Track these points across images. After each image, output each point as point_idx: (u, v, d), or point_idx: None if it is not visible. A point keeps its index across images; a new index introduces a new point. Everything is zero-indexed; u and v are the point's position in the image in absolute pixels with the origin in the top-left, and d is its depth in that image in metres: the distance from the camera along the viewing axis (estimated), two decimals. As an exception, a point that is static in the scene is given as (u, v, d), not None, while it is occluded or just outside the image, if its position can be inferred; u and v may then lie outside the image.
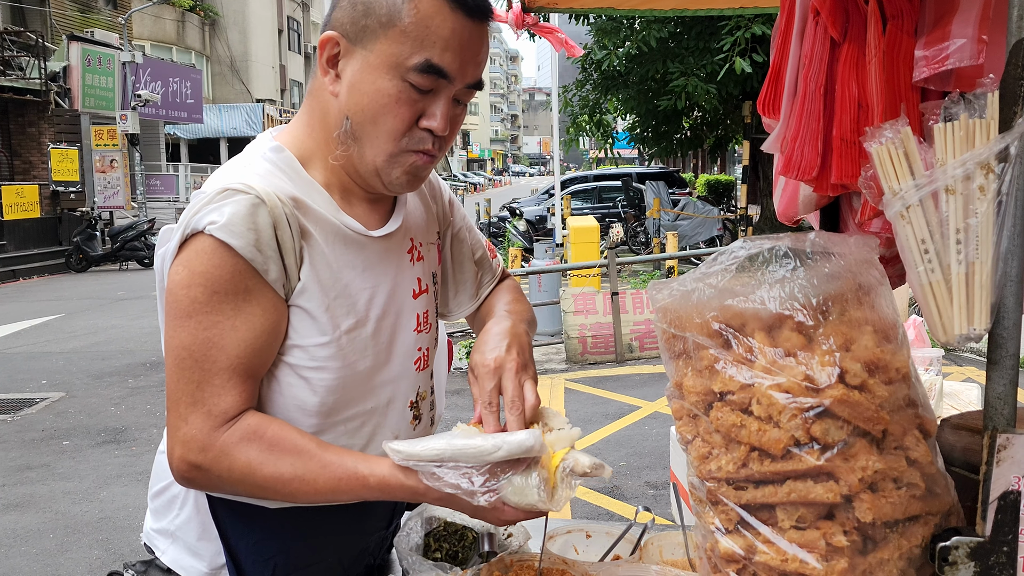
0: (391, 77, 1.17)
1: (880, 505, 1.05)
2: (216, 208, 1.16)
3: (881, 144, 1.09)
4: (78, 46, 19.22)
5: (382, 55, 1.17)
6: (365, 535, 1.46)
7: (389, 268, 1.33)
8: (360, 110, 1.20)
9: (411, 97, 1.18)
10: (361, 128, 1.21)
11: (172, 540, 1.35)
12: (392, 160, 1.23)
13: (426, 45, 1.16)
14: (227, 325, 1.16)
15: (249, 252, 1.15)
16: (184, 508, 1.33)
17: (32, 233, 17.96)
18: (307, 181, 1.25)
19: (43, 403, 7.36)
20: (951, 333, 1.05)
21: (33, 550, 4.44)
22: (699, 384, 1.16)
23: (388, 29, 1.16)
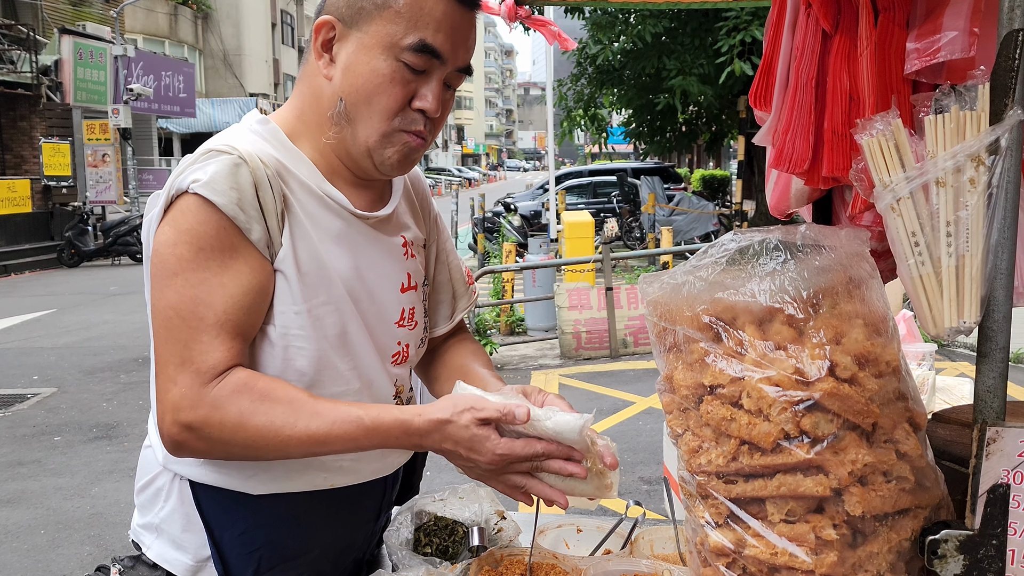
0: (386, 57, 1.21)
1: (870, 498, 1.05)
2: (200, 167, 1.18)
3: (872, 136, 1.08)
4: (70, 39, 19.10)
5: (377, 35, 1.21)
6: (352, 529, 1.44)
7: (373, 253, 1.33)
8: (354, 90, 1.22)
9: (405, 77, 1.22)
10: (355, 108, 1.23)
11: (157, 534, 1.33)
12: (385, 139, 1.25)
13: (420, 25, 1.20)
14: (214, 282, 1.16)
15: (232, 210, 1.16)
16: (168, 500, 1.32)
17: (24, 228, 17.88)
18: (292, 151, 1.27)
19: (34, 399, 7.33)
20: (941, 326, 1.04)
21: (24, 546, 4.43)
22: (689, 378, 1.16)
23: (383, 10, 1.20)
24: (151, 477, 1.35)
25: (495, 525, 1.59)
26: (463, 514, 1.62)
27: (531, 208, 18.87)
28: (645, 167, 20.35)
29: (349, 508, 1.39)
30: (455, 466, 1.24)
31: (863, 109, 1.29)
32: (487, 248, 14.32)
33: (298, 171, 1.26)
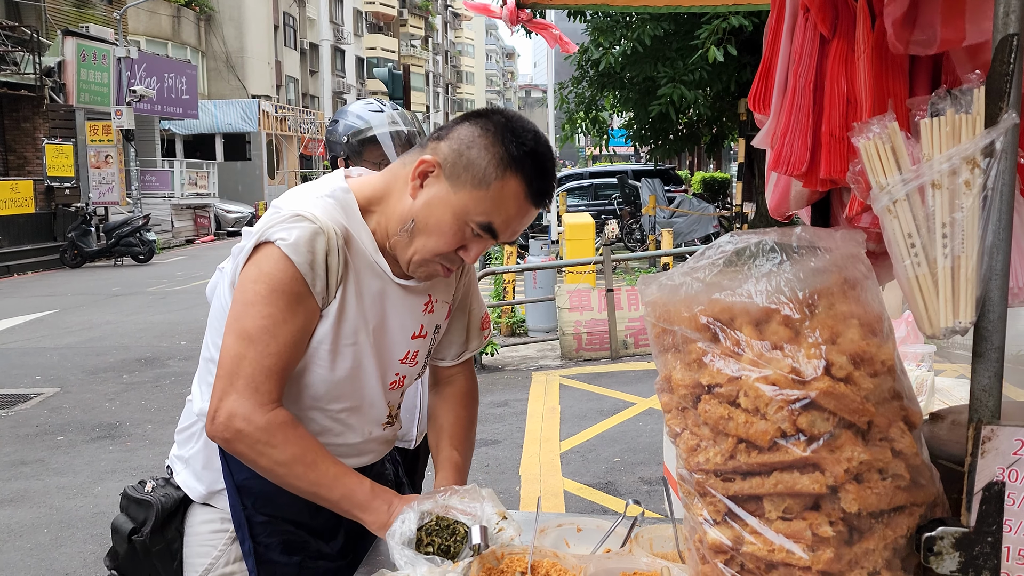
0: (456, 218, 1.47)
1: (866, 496, 1.06)
2: (287, 228, 1.44)
3: (868, 139, 1.10)
4: (73, 41, 19.14)
5: (461, 200, 1.46)
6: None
7: (400, 308, 1.62)
8: (424, 221, 1.49)
9: (464, 236, 1.49)
10: (419, 232, 1.50)
11: (185, 465, 1.69)
12: (424, 263, 1.53)
13: (494, 213, 1.46)
14: (279, 318, 1.44)
15: (304, 268, 1.44)
16: (197, 443, 1.67)
17: (27, 229, 17.91)
18: (359, 221, 1.54)
19: (37, 398, 7.35)
20: (937, 326, 1.06)
21: (27, 545, 4.44)
22: (687, 377, 1.17)
23: (475, 188, 1.45)
24: (189, 423, 1.70)
25: (496, 525, 1.60)
26: (464, 514, 1.63)
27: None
28: (646, 169, 20.36)
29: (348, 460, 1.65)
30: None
31: (860, 112, 1.30)
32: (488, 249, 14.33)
33: (360, 240, 1.53)
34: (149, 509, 1.65)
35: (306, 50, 39.61)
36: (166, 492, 1.68)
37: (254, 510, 1.63)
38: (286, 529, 1.66)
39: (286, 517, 1.65)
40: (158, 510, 1.64)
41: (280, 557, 1.65)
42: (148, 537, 1.64)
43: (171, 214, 22.63)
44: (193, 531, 1.68)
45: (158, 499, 1.66)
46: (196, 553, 1.68)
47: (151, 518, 1.64)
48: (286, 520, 1.66)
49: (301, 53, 38.92)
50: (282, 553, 1.65)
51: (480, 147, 1.44)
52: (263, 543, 1.64)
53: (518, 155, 1.44)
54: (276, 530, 1.65)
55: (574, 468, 5.37)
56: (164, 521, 1.66)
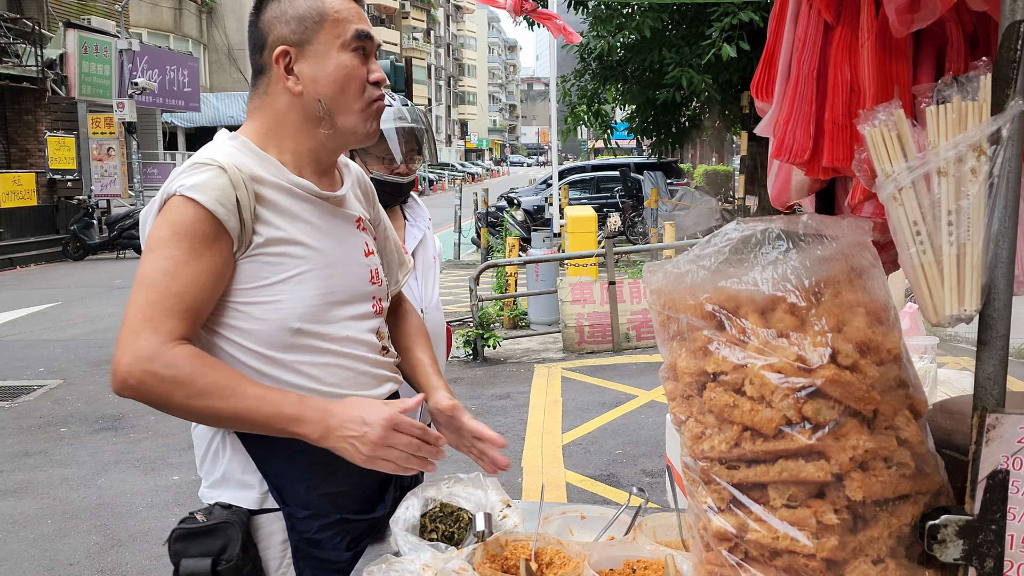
0: (342, 51, 1.53)
1: (870, 484, 1.07)
2: (187, 176, 1.46)
3: (874, 126, 1.09)
4: (75, 33, 19.11)
5: (327, 42, 1.53)
6: None
7: (339, 225, 1.62)
8: (329, 88, 1.53)
9: (360, 61, 1.55)
10: (335, 100, 1.54)
11: (224, 486, 1.59)
12: (364, 112, 1.57)
13: (351, 20, 1.54)
14: (181, 259, 1.42)
15: (212, 205, 1.43)
16: (225, 453, 1.59)
17: (29, 221, 17.92)
18: (261, 156, 1.54)
19: (41, 390, 7.37)
20: (942, 314, 1.06)
21: (31, 536, 4.46)
22: (692, 365, 1.17)
23: (322, 23, 1.53)
24: (207, 443, 1.61)
25: (500, 512, 1.61)
26: (468, 502, 1.64)
27: (534, 203, 18.85)
28: (648, 162, 20.32)
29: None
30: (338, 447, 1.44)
31: (864, 100, 1.30)
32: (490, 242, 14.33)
33: (269, 174, 1.52)
34: (228, 529, 1.50)
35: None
36: (227, 513, 1.53)
37: (295, 506, 1.57)
38: (333, 520, 1.59)
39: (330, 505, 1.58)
40: (239, 525, 1.51)
41: (330, 553, 1.59)
42: (239, 559, 1.49)
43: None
44: (266, 543, 1.58)
45: (231, 518, 1.52)
46: (272, 567, 1.58)
47: (234, 537, 1.49)
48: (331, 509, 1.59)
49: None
50: (333, 548, 1.59)
51: (288, 4, 1.54)
52: (310, 540, 1.58)
53: None
54: (324, 524, 1.58)
55: (576, 460, 5.38)
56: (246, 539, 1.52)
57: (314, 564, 1.59)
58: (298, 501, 1.57)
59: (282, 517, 1.57)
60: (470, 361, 8.20)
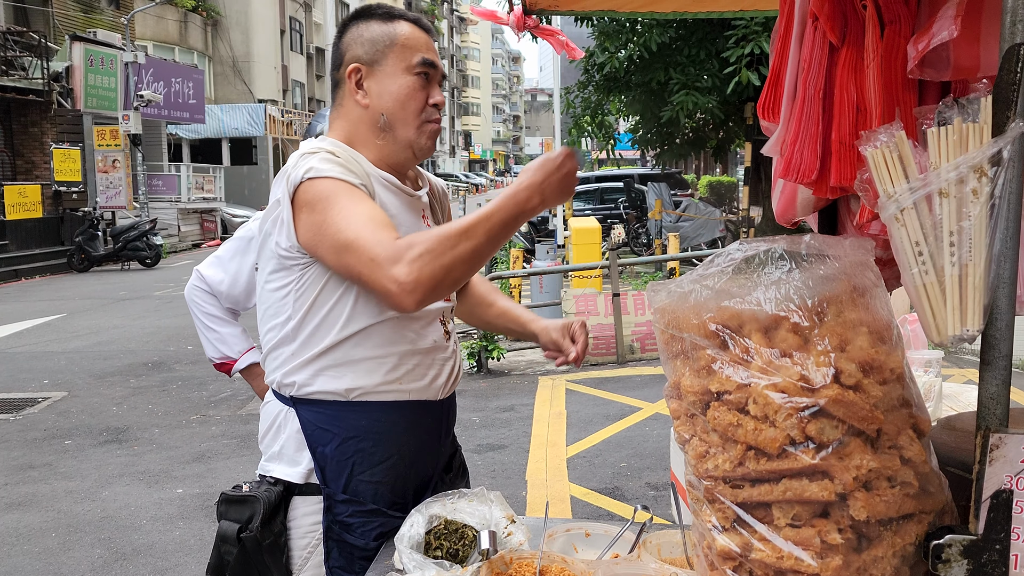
0: (406, 75, 1.71)
1: (874, 503, 1.07)
2: (303, 164, 1.59)
3: (876, 148, 1.10)
4: (80, 46, 19.22)
5: (394, 65, 1.71)
6: (422, 441, 1.79)
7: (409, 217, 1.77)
8: (391, 105, 1.71)
9: (422, 84, 1.72)
10: (394, 115, 1.71)
11: (279, 460, 1.74)
12: (419, 131, 1.73)
13: (417, 50, 1.73)
14: (349, 205, 1.53)
15: (344, 175, 1.57)
16: (285, 430, 1.73)
17: (34, 233, 17.98)
18: (351, 151, 1.69)
19: (45, 403, 7.38)
20: (944, 334, 1.06)
21: (35, 549, 4.46)
22: (696, 384, 1.18)
23: (392, 48, 1.72)
24: (271, 421, 1.76)
25: (505, 529, 1.61)
26: (472, 518, 1.64)
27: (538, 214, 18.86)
28: (652, 173, 20.36)
29: (417, 421, 1.76)
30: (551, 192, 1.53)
31: (870, 120, 1.31)
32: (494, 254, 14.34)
33: (363, 163, 1.68)
34: (255, 503, 1.68)
35: (312, 55, 39.69)
36: (266, 488, 1.71)
37: (335, 487, 1.69)
38: (368, 510, 1.70)
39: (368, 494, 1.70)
40: (264, 502, 1.67)
41: (358, 540, 1.70)
42: (258, 531, 1.66)
43: (178, 218, 22.68)
44: (295, 524, 1.73)
45: (261, 493, 1.69)
46: (298, 546, 1.73)
47: (258, 511, 1.67)
48: (368, 498, 1.70)
49: (307, 58, 39.02)
50: (361, 536, 1.70)
51: (366, 28, 1.73)
52: (342, 523, 1.70)
53: (385, 12, 1.76)
54: (358, 511, 1.70)
55: (580, 473, 5.37)
56: (270, 514, 1.69)
57: (342, 546, 1.71)
58: (339, 484, 1.70)
59: (318, 502, 1.71)
60: (474, 373, 8.20)
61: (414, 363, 1.72)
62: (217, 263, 2.75)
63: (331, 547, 1.71)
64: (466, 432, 6.24)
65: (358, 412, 1.69)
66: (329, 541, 1.71)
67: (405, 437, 1.74)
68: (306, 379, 1.68)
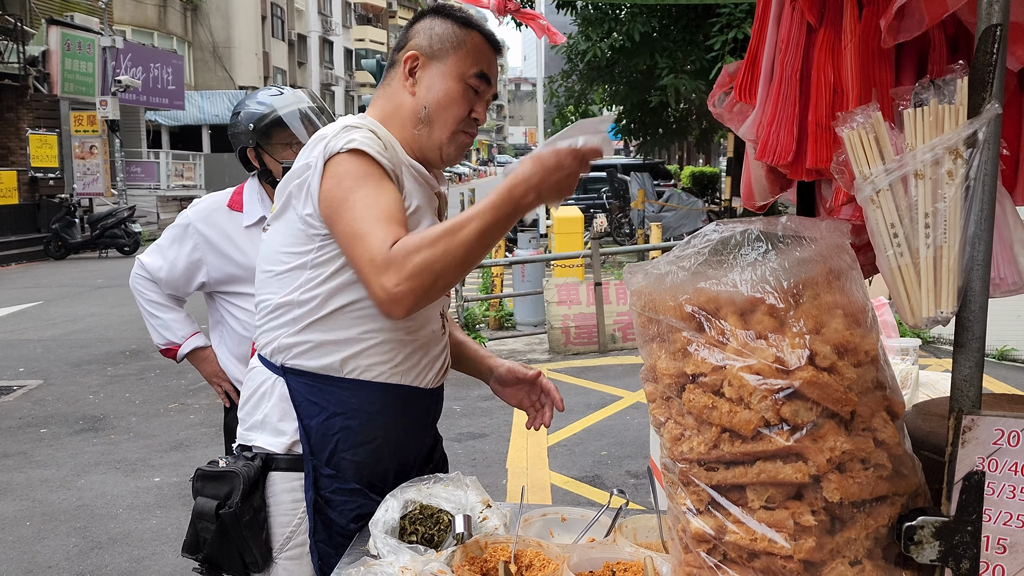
0: (457, 81, 1.71)
1: (848, 485, 1.07)
2: (344, 136, 1.59)
3: (852, 129, 1.10)
4: (57, 30, 18.94)
5: (452, 66, 1.71)
6: (408, 427, 1.77)
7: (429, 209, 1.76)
8: (435, 102, 1.71)
9: (468, 96, 1.73)
10: (435, 114, 1.71)
11: (261, 429, 1.72)
12: (452, 138, 1.74)
13: (479, 62, 1.73)
14: (373, 193, 1.54)
15: (377, 156, 1.58)
16: (271, 399, 1.71)
17: (10, 220, 17.73)
18: (387, 134, 1.68)
19: (20, 391, 7.29)
20: (919, 316, 1.06)
21: (10, 537, 4.41)
22: (672, 366, 1.17)
23: (457, 50, 1.72)
24: (255, 388, 1.74)
25: (480, 514, 1.60)
26: (448, 503, 1.63)
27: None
28: (635, 163, 20.38)
29: (406, 407, 1.75)
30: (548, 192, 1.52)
31: (847, 102, 1.30)
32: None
33: (397, 148, 1.68)
34: (233, 479, 1.65)
35: (294, 41, 39.35)
36: (244, 463, 1.68)
37: (320, 461, 1.68)
38: (350, 488, 1.69)
39: (350, 472, 1.69)
40: (243, 477, 1.64)
41: (337, 518, 1.69)
42: (238, 507, 1.63)
43: (157, 206, 22.45)
44: (276, 500, 1.71)
45: (239, 468, 1.66)
46: (279, 523, 1.71)
47: (237, 487, 1.64)
48: (351, 477, 1.69)
49: (289, 44, 38.67)
50: (340, 514, 1.69)
51: (439, 24, 1.73)
52: (325, 498, 1.68)
53: (463, 17, 1.75)
54: (340, 488, 1.69)
55: (561, 462, 5.38)
56: (250, 490, 1.66)
57: (325, 521, 1.70)
58: (323, 458, 1.68)
59: (297, 479, 1.69)
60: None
61: (412, 349, 1.72)
62: (157, 251, 2.76)
63: (317, 521, 1.69)
64: (447, 421, 6.23)
65: (350, 389, 1.67)
66: (316, 515, 1.69)
67: (392, 421, 1.73)
68: (303, 349, 1.66)
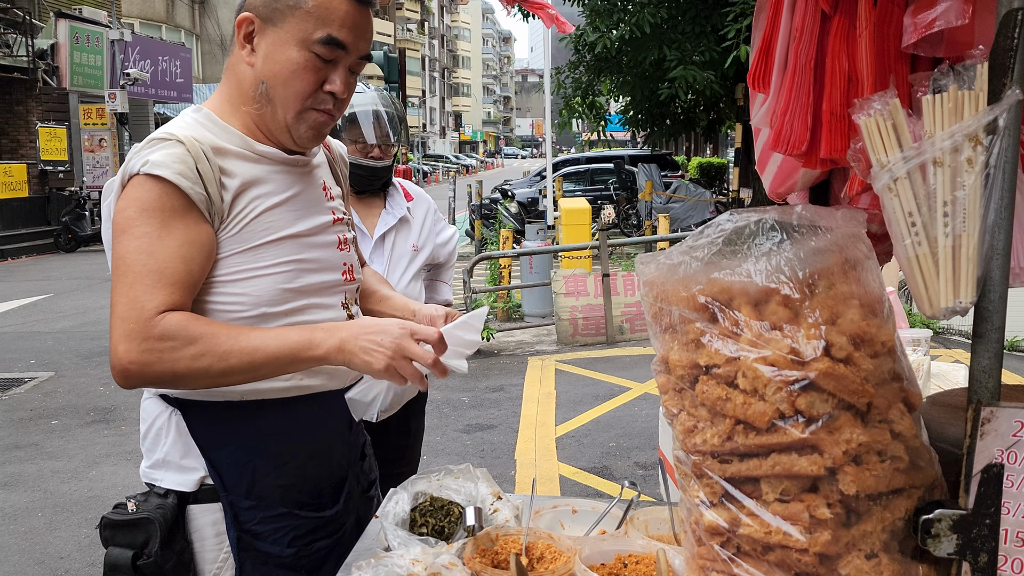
0: (299, 49, 1.44)
1: (864, 478, 1.05)
2: (147, 152, 1.41)
3: (870, 116, 1.08)
4: (66, 23, 18.95)
5: (291, 31, 1.44)
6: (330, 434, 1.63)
7: (306, 193, 1.58)
8: (273, 76, 1.46)
9: (316, 65, 1.45)
10: (274, 91, 1.47)
11: (165, 468, 1.55)
12: (299, 117, 1.49)
13: (327, 23, 1.43)
14: (154, 235, 1.37)
15: (176, 179, 1.38)
16: (168, 435, 1.54)
17: (20, 213, 17.80)
18: (223, 127, 1.50)
19: (32, 383, 7.33)
20: (937, 306, 1.04)
21: (22, 528, 4.44)
22: (685, 358, 1.16)
23: (295, 10, 1.43)
24: (151, 422, 1.57)
25: (491, 506, 1.60)
26: (458, 495, 1.62)
27: (528, 195, 18.82)
28: (642, 154, 20.30)
29: (323, 414, 1.58)
30: (355, 355, 1.37)
31: (862, 90, 1.28)
32: (484, 234, 14.32)
33: (231, 144, 1.48)
34: (149, 525, 1.47)
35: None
36: (157, 503, 1.50)
37: (237, 495, 1.52)
38: (277, 514, 1.54)
39: (275, 498, 1.54)
40: (160, 522, 1.47)
41: (271, 547, 1.54)
42: (158, 555, 1.45)
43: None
44: (199, 535, 1.54)
45: (153, 511, 1.48)
46: (206, 559, 1.55)
47: (154, 534, 1.46)
48: (277, 502, 1.55)
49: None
50: (274, 543, 1.54)
51: None
52: (251, 531, 1.54)
53: None
54: (267, 516, 1.54)
55: (570, 453, 5.37)
56: (169, 533, 1.48)
57: (255, 557, 1.55)
58: (241, 490, 1.53)
59: (218, 509, 1.53)
60: (464, 353, 8.19)
61: None
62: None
63: (243, 559, 1.54)
64: (456, 412, 6.23)
65: (253, 412, 1.51)
66: (241, 553, 1.54)
67: (310, 434, 1.58)
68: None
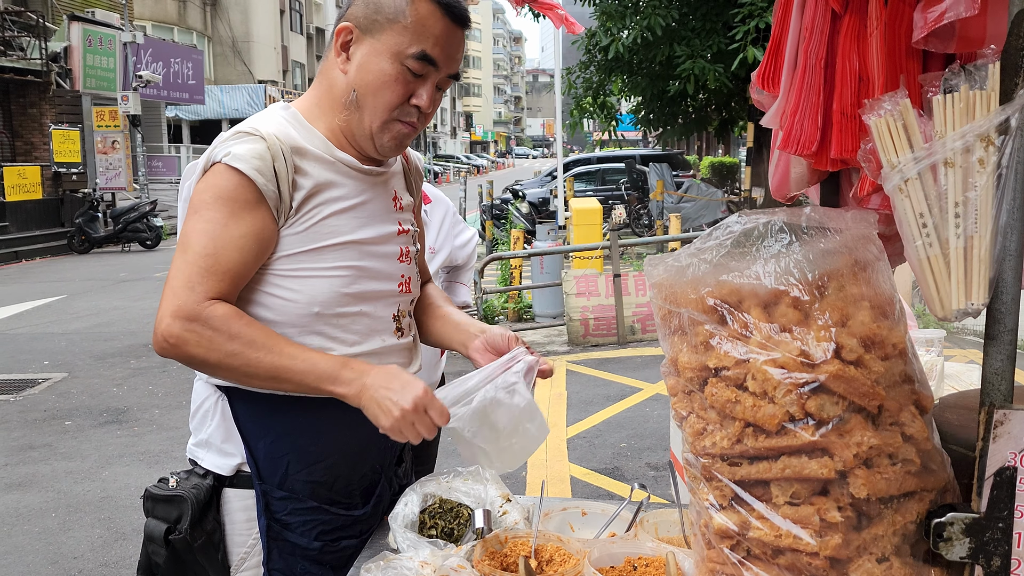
0: (392, 61, 1.49)
1: (875, 481, 1.05)
2: (230, 144, 1.48)
3: (880, 116, 1.07)
4: (79, 26, 19.08)
5: (387, 44, 1.49)
6: (364, 437, 1.61)
7: (376, 202, 1.62)
8: (364, 84, 1.52)
9: (406, 79, 1.51)
10: (364, 99, 1.53)
11: (207, 448, 1.62)
12: (384, 127, 1.54)
13: (422, 39, 1.49)
14: (220, 222, 1.44)
15: (252, 174, 1.45)
16: (214, 419, 1.61)
17: (34, 214, 17.93)
18: (308, 128, 1.56)
19: (45, 383, 7.38)
20: (949, 308, 1.04)
21: (36, 529, 4.47)
22: (694, 360, 1.15)
23: (394, 24, 1.49)
24: (200, 403, 1.64)
25: (500, 508, 1.60)
26: (468, 497, 1.62)
27: (539, 195, 18.81)
28: (654, 154, 20.25)
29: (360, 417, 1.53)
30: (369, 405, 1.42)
31: (872, 90, 1.28)
32: (495, 235, 14.32)
33: (312, 146, 1.54)
34: (182, 503, 1.55)
35: (312, 35, 39.43)
36: (194, 483, 1.58)
37: (271, 485, 1.58)
38: (308, 507, 1.59)
39: (306, 492, 1.59)
40: (192, 502, 1.55)
41: (299, 539, 1.60)
42: (188, 533, 1.54)
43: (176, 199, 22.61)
44: (231, 519, 1.61)
45: (188, 490, 1.56)
46: (235, 542, 1.61)
47: (186, 512, 1.54)
48: (308, 496, 1.59)
49: (307, 38, 38.76)
50: (302, 535, 1.60)
51: None
52: (281, 521, 1.59)
53: None
54: (297, 508, 1.59)
55: (580, 454, 5.36)
56: (201, 513, 1.56)
57: (283, 546, 1.60)
58: (274, 481, 1.59)
59: (252, 496, 1.59)
60: (474, 354, 8.19)
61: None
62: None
63: (271, 548, 1.60)
64: (466, 413, 6.23)
65: (293, 409, 1.56)
66: (269, 542, 1.60)
67: (346, 436, 1.61)
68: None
